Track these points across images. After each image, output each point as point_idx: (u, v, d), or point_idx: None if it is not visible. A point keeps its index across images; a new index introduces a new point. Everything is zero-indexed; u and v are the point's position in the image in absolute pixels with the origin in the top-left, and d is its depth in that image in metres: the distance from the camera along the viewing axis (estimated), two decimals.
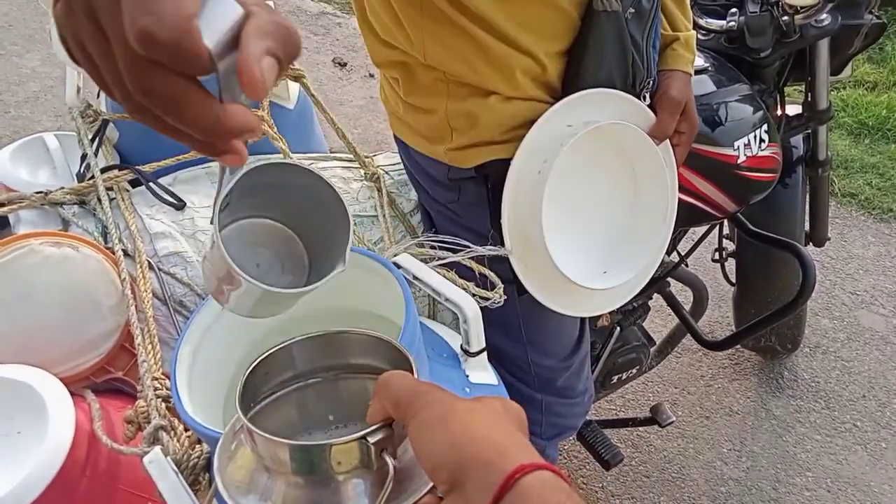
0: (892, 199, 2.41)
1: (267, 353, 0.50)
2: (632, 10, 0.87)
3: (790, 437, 1.77)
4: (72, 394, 0.75)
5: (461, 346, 0.78)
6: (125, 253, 0.89)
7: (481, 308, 0.78)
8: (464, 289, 0.77)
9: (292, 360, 0.52)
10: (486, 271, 0.82)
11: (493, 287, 0.82)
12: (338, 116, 1.12)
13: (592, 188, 0.91)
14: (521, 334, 1.04)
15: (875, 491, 1.65)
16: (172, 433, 0.71)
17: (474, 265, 0.82)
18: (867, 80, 2.97)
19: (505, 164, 0.88)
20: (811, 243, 1.68)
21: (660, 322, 1.95)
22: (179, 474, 0.66)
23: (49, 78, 3.04)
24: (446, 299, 0.75)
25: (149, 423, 0.71)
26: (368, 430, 0.41)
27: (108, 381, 0.84)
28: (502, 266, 0.88)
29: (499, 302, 0.81)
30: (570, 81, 0.88)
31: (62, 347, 0.78)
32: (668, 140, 0.96)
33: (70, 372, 0.80)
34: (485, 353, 0.78)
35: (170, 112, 0.33)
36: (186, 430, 0.72)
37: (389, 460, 0.40)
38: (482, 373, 0.78)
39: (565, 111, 0.86)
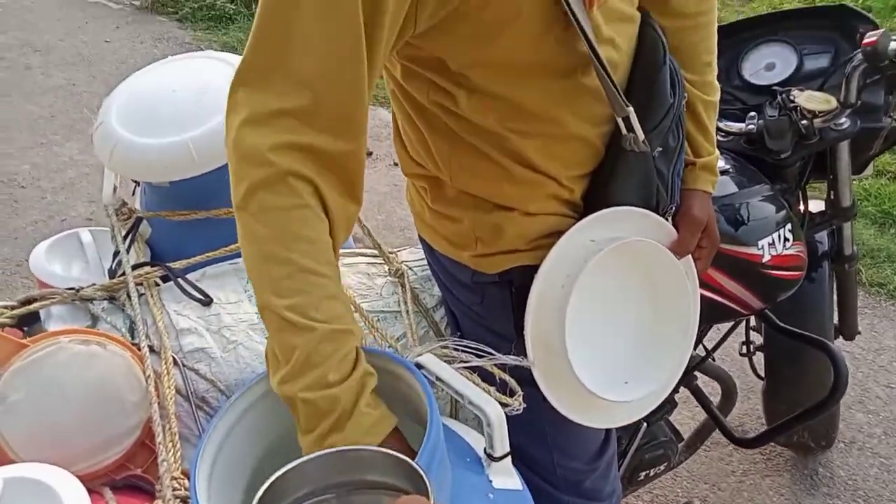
0: None
1: (282, 472, 0.50)
2: (660, 149, 0.89)
3: None
4: (90, 490, 0.74)
5: (484, 449, 0.76)
6: (151, 349, 0.90)
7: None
8: (487, 392, 0.76)
9: (307, 477, 0.52)
10: (507, 377, 0.81)
11: (513, 393, 0.81)
12: (363, 203, 1.14)
13: (615, 301, 0.91)
14: (546, 437, 1.02)
15: None
16: None
17: (496, 370, 0.82)
18: (889, 171, 2.98)
19: (529, 270, 0.89)
20: (841, 336, 1.65)
21: (688, 414, 1.90)
22: None
23: (85, 165, 3.16)
24: (470, 402, 0.74)
25: None
26: None
27: (126, 477, 0.83)
28: (527, 370, 0.88)
29: (518, 409, 0.80)
30: (594, 200, 0.90)
31: (85, 444, 0.78)
32: (689, 256, 0.96)
33: (91, 469, 0.79)
34: (509, 458, 0.76)
35: None
36: None
37: None
38: (506, 478, 0.76)
39: (589, 227, 0.87)
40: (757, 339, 1.64)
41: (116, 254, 1.09)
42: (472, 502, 0.71)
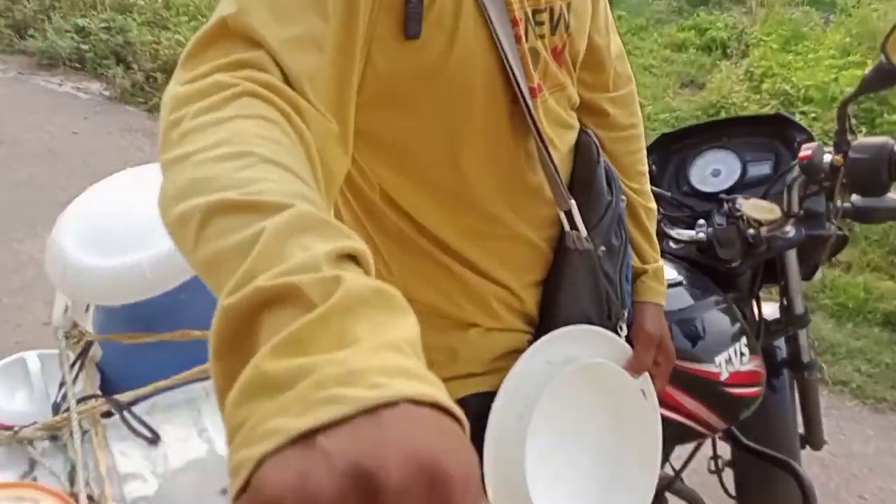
0: (885, 386, 2.39)
1: None
2: (603, 248, 0.91)
3: None
4: None
5: None
6: (90, 498, 0.86)
7: None
8: None
9: None
10: None
11: None
12: None
13: (575, 427, 0.90)
14: None
15: None
16: None
17: None
18: (841, 261, 3.06)
19: (485, 396, 0.87)
20: (808, 446, 1.64)
21: None
22: None
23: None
24: None
25: None
26: None
27: None
28: None
29: None
30: (547, 312, 0.91)
31: None
32: (647, 373, 0.96)
33: None
34: None
35: None
36: None
37: None
38: None
39: (543, 349, 0.87)
40: (726, 452, 1.62)
41: (62, 385, 1.05)
42: None
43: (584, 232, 0.87)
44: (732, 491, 1.56)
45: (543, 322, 0.91)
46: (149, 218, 1.14)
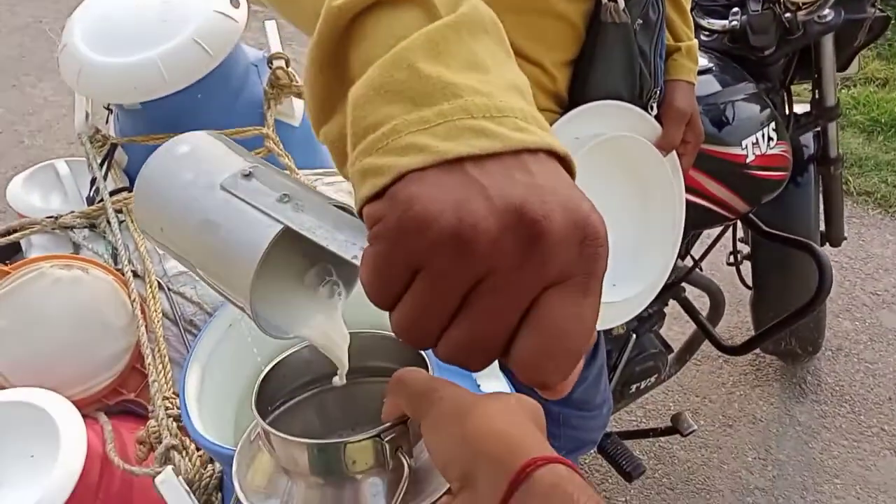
0: None
1: (283, 357, 0.49)
2: (640, 22, 0.87)
3: (816, 444, 1.73)
4: (85, 416, 0.75)
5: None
6: (135, 274, 0.90)
7: None
8: None
9: (308, 364, 0.51)
10: None
11: None
12: None
13: (601, 200, 0.89)
14: None
15: None
16: (184, 452, 0.70)
17: None
18: (878, 77, 2.94)
19: None
20: (827, 243, 1.66)
21: (678, 329, 1.92)
22: (191, 494, 0.66)
23: (61, 106, 3.08)
24: None
25: (160, 443, 0.70)
26: (382, 427, 0.40)
27: (120, 402, 0.84)
28: None
29: None
30: (578, 92, 0.88)
31: (74, 369, 0.78)
32: (674, 151, 0.95)
33: (83, 394, 0.80)
34: (496, 362, 0.76)
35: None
36: (198, 449, 0.72)
37: (405, 459, 0.40)
38: (494, 382, 0.76)
39: (573, 124, 0.85)
40: (744, 248, 1.65)
41: (94, 181, 1.07)
42: None
43: (621, 3, 0.82)
44: (750, 281, 1.61)
45: (573, 101, 0.89)
46: (159, 15, 1.11)
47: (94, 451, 0.70)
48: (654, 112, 0.96)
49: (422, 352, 0.46)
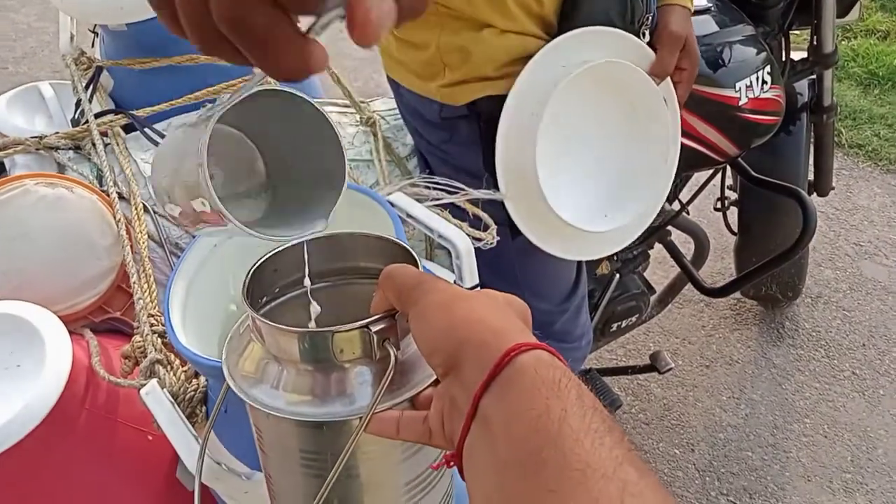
0: None
1: (275, 251, 0.50)
2: None
3: (789, 385, 1.78)
4: (71, 332, 0.76)
5: (454, 282, 0.78)
6: (120, 196, 0.90)
7: (476, 251, 0.78)
8: (458, 227, 0.77)
9: (301, 260, 0.51)
10: (480, 213, 0.82)
11: (486, 228, 0.82)
12: (338, 69, 1.11)
13: (591, 130, 0.90)
14: (515, 277, 1.04)
15: (871, 436, 1.67)
16: (169, 367, 0.72)
17: (468, 206, 0.82)
18: (879, 29, 2.90)
19: (498, 100, 0.87)
20: (815, 193, 1.67)
21: (662, 274, 1.95)
22: (176, 405, 0.68)
23: (45, 33, 3.01)
24: (440, 236, 0.75)
25: (145, 357, 0.72)
26: (371, 318, 0.41)
27: (105, 320, 0.85)
28: (496, 208, 0.88)
29: (492, 243, 0.81)
30: (566, 16, 0.87)
31: (59, 286, 0.79)
32: (669, 79, 0.94)
33: (68, 311, 0.81)
34: (478, 289, 0.78)
35: (255, 48, 0.27)
36: (183, 364, 0.73)
37: (392, 350, 0.41)
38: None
39: (560, 50, 0.84)
40: (732, 195, 1.66)
41: (79, 103, 1.06)
42: None
43: None
44: (735, 227, 1.62)
45: (562, 26, 0.88)
46: None
47: (79, 363, 0.72)
48: (647, 39, 0.94)
49: (412, 251, 0.47)
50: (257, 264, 0.49)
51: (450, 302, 0.37)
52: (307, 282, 0.50)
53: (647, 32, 0.93)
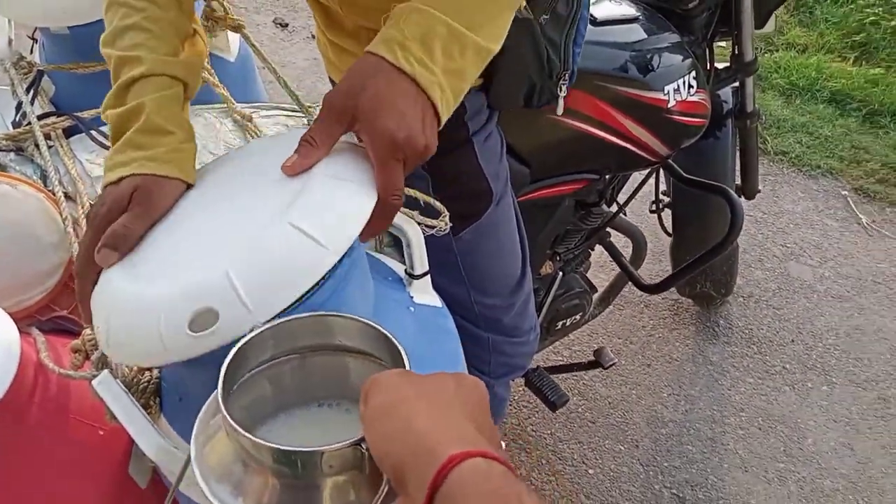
0: (820, 155, 2.53)
1: (246, 340, 0.50)
2: (545, 17, 0.93)
3: (725, 381, 1.86)
4: (19, 330, 0.75)
5: (405, 270, 0.81)
6: (66, 196, 0.89)
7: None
8: (409, 216, 0.79)
9: (276, 341, 0.52)
10: (431, 200, 0.84)
11: (439, 215, 0.84)
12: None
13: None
14: (461, 275, 1.07)
15: (801, 427, 1.76)
16: None
17: (419, 195, 0.85)
18: (798, 43, 3.08)
19: None
20: (743, 195, 1.76)
21: (604, 277, 2.02)
22: (130, 394, 0.68)
23: None
24: (390, 225, 0.77)
25: (96, 349, 0.72)
26: (361, 436, 0.39)
27: (53, 319, 0.84)
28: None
29: (445, 229, 0.83)
30: (487, 72, 0.92)
31: (4, 282, 0.78)
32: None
33: (14, 308, 0.80)
34: (428, 278, 0.81)
35: None
36: None
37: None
38: (426, 295, 0.81)
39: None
40: (665, 199, 1.74)
41: (19, 106, 1.05)
42: (395, 313, 0.76)
43: (523, 2, 0.88)
44: (670, 229, 1.70)
45: (488, 76, 0.94)
46: None
47: (27, 357, 0.71)
48: (564, 93, 1.01)
49: (396, 342, 0.48)
50: (229, 359, 0.48)
51: (390, 408, 0.37)
52: None
53: (563, 87, 0.99)
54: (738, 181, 1.72)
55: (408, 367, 0.44)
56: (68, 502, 0.74)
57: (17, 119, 1.05)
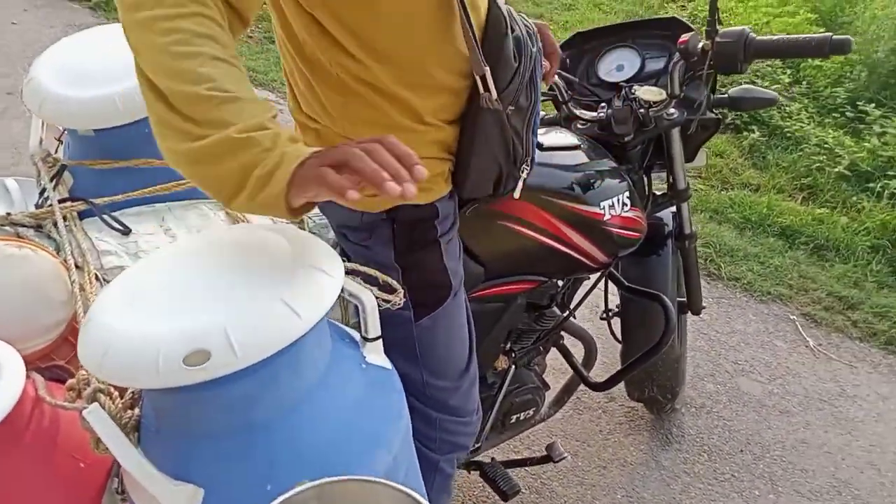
0: (771, 283, 2.72)
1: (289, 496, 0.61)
2: (511, 108, 1.09)
3: (677, 486, 1.94)
4: None
5: (361, 334, 0.94)
6: (76, 266, 1.04)
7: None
8: (366, 287, 0.94)
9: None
10: (388, 279, 0.99)
11: (393, 291, 0.99)
12: None
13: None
14: (417, 358, 1.20)
15: None
16: (109, 396, 0.84)
17: (379, 274, 1.00)
18: (752, 183, 3.37)
19: (411, 207, 1.07)
20: (690, 312, 1.92)
21: (560, 381, 2.13)
22: (116, 424, 0.80)
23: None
24: (349, 294, 0.92)
25: (88, 386, 0.84)
26: None
27: (51, 367, 0.96)
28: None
29: (399, 303, 0.98)
30: (462, 153, 1.10)
31: (17, 328, 0.91)
32: None
33: (21, 352, 0.92)
34: (380, 342, 0.94)
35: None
36: (121, 395, 0.86)
37: None
38: (378, 357, 0.94)
39: None
40: (615, 308, 1.89)
41: (43, 191, 1.22)
42: (348, 368, 0.89)
43: (494, 94, 1.03)
44: (619, 335, 1.84)
45: (459, 157, 1.11)
46: (123, 60, 1.29)
47: (27, 392, 0.83)
48: (525, 174, 1.18)
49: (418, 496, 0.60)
50: None
51: None
52: None
53: (525, 169, 1.17)
54: (685, 298, 1.88)
55: None
56: None
57: (39, 203, 1.22)
